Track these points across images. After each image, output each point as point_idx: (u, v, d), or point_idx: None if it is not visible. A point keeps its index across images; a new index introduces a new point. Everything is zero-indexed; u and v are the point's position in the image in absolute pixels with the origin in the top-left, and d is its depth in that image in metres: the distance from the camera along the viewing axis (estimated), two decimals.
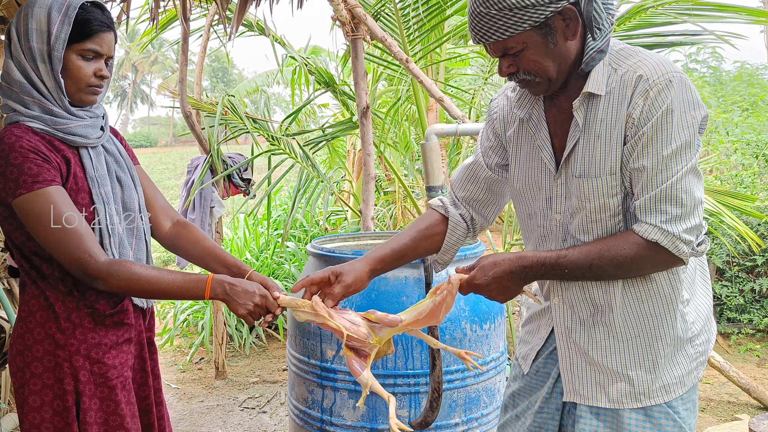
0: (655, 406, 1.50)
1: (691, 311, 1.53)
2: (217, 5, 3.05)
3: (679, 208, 1.38)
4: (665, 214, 1.39)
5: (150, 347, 1.83)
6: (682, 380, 1.51)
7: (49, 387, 1.61)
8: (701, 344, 1.55)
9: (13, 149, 1.52)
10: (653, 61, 1.41)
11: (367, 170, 3.97)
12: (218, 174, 4.55)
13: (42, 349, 1.61)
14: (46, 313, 1.61)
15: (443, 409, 2.34)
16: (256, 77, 8.45)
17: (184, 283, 1.59)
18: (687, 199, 1.38)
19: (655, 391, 1.50)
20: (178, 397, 4.38)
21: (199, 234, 1.89)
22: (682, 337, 1.51)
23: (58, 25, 1.56)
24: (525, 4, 1.34)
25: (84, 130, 1.64)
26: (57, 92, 1.59)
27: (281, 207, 7.33)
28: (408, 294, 2.38)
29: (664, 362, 1.50)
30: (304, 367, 2.48)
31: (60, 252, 1.54)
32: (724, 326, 5.17)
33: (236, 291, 1.59)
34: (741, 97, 8.82)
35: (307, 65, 5.16)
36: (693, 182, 1.39)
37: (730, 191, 4.64)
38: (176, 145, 43.43)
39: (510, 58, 1.45)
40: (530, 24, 1.37)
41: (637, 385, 1.50)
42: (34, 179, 1.52)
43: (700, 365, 1.54)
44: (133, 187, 1.77)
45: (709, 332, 1.58)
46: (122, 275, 1.55)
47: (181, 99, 4.45)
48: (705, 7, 3.72)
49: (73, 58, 1.60)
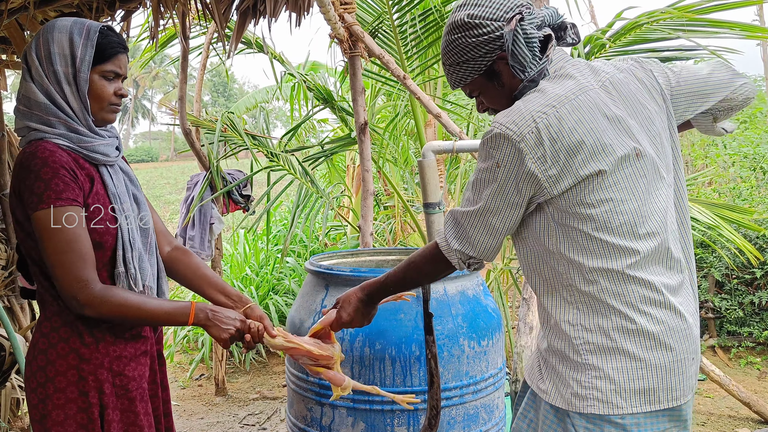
0: (568, 424, 1.52)
1: (578, 337, 1.50)
2: (216, 23, 3.08)
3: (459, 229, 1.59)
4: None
5: (159, 359, 1.88)
6: (573, 400, 1.50)
7: (73, 401, 1.63)
8: (590, 380, 1.48)
9: (45, 164, 1.57)
10: (511, 110, 1.51)
11: (365, 186, 3.99)
12: (218, 190, 4.57)
13: (66, 364, 1.63)
14: (71, 329, 1.65)
15: (442, 426, 2.34)
16: (255, 93, 8.49)
17: (171, 309, 1.68)
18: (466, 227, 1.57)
19: (561, 396, 1.54)
20: (179, 413, 4.37)
21: (198, 261, 1.95)
22: (571, 359, 1.52)
23: (82, 48, 1.64)
24: (464, 59, 1.58)
25: (106, 149, 1.71)
26: (82, 112, 1.66)
27: (281, 222, 7.35)
28: (406, 311, 2.39)
29: (562, 373, 1.54)
30: (302, 385, 2.49)
31: (59, 272, 1.57)
32: (724, 339, 5.17)
33: (218, 317, 1.71)
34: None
35: (306, 82, 5.20)
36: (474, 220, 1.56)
37: (728, 204, 4.66)
38: (177, 159, 43.54)
39: (478, 98, 1.69)
40: (475, 73, 1.60)
41: (549, 385, 1.58)
42: (57, 196, 1.56)
43: (594, 399, 1.47)
44: (146, 205, 1.84)
45: (620, 372, 1.47)
46: (114, 302, 1.60)
47: (180, 116, 4.48)
48: (700, 23, 3.75)
49: (96, 79, 1.67)
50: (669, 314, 1.48)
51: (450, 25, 1.60)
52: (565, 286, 1.53)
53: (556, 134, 1.43)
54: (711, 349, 5.17)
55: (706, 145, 7.30)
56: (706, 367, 4.01)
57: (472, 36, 1.55)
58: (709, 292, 5.24)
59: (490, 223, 1.54)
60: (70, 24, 1.66)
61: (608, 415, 1.46)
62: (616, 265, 1.46)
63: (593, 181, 1.44)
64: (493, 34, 1.54)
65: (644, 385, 1.46)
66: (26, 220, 1.62)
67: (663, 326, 1.47)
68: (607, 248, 1.47)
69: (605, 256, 1.47)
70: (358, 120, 4.04)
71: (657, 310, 1.47)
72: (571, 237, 1.49)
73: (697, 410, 4.11)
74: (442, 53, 1.65)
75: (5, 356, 3.21)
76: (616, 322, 1.47)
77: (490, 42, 1.54)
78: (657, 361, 1.47)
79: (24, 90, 1.65)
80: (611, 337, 1.47)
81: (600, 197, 1.45)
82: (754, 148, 6.43)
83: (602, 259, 1.47)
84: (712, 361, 4.86)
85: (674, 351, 1.48)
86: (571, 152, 1.43)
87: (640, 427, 1.47)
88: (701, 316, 5.22)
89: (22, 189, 1.59)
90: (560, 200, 1.47)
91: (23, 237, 1.66)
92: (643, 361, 1.46)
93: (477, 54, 1.56)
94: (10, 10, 2.73)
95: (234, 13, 3.20)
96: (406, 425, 2.36)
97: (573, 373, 1.51)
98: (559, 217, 1.49)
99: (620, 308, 1.47)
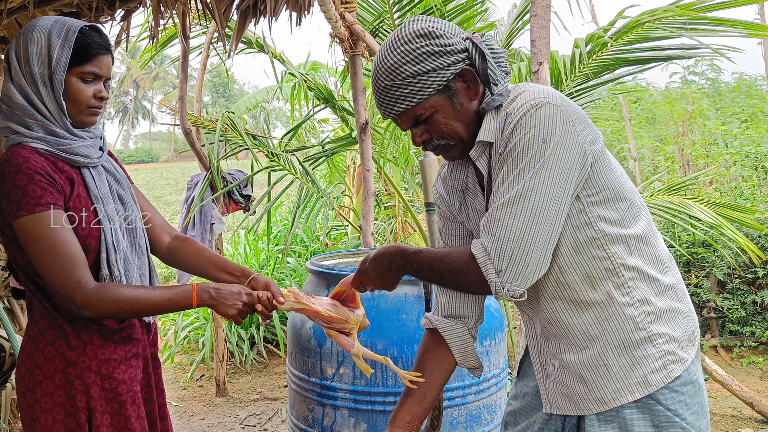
0: (656, 406, 1.48)
1: (641, 312, 1.50)
2: (217, 23, 3.07)
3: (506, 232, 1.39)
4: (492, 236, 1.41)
5: (154, 362, 1.85)
6: (645, 380, 1.48)
7: (61, 405, 1.61)
8: (665, 343, 1.50)
9: (19, 170, 1.54)
10: (526, 94, 1.46)
11: (366, 186, 3.98)
12: (218, 190, 4.56)
13: (53, 368, 1.62)
14: (57, 332, 1.63)
15: (444, 426, 2.33)
16: (256, 93, 8.47)
17: (172, 295, 1.64)
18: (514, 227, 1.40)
19: (614, 392, 1.49)
20: (179, 414, 4.36)
21: (199, 246, 1.91)
22: (634, 339, 1.49)
23: (59, 49, 1.60)
24: (426, 69, 1.44)
25: (86, 150, 1.67)
26: (59, 114, 1.62)
27: (281, 223, 7.34)
28: (408, 311, 2.37)
29: (619, 365, 1.49)
30: (304, 386, 2.47)
31: (51, 276, 1.55)
32: (726, 339, 5.15)
33: (222, 294, 1.65)
34: (740, 109, 8.83)
35: (307, 81, 5.19)
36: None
37: (729, 203, 4.65)
38: (177, 160, 43.51)
39: (422, 126, 1.52)
40: (434, 88, 1.46)
41: (595, 389, 1.51)
42: (36, 201, 1.53)
43: (671, 363, 1.49)
44: (133, 205, 1.79)
45: (676, 327, 1.53)
46: (111, 298, 1.57)
47: (181, 116, 4.47)
48: (701, 21, 3.74)
49: (73, 81, 1.62)
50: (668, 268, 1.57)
51: (406, 36, 1.45)
52: (611, 270, 1.48)
53: (571, 107, 1.45)
54: (713, 348, 5.15)
55: (708, 145, 7.29)
56: (708, 366, 3.99)
57: (437, 45, 1.45)
58: (711, 292, 5.22)
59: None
60: (51, 23, 1.62)
61: (682, 374, 1.49)
62: (635, 230, 1.50)
63: (602, 157, 1.47)
64: (457, 47, 1.46)
65: (689, 330, 1.54)
66: (5, 227, 1.60)
67: (674, 278, 1.56)
68: (627, 214, 1.50)
69: (627, 224, 1.50)
70: (358, 119, 4.02)
71: (664, 267, 1.55)
72: (607, 207, 1.48)
73: None
74: (393, 68, 1.45)
75: (5, 357, 3.20)
76: (655, 286, 1.51)
77: (456, 53, 1.46)
78: (686, 307, 1.55)
79: (5, 90, 1.62)
80: (658, 301, 1.50)
81: (608, 172, 1.48)
82: (755, 146, 6.41)
83: (627, 228, 1.49)
84: (714, 360, 4.84)
85: (687, 297, 1.59)
86: (586, 124, 1.46)
87: (697, 371, 1.53)
88: (703, 315, 5.21)
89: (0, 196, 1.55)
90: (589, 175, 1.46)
91: (6, 242, 1.64)
92: (681, 312, 1.53)
93: (442, 64, 1.45)
94: (9, 10, 2.72)
95: (234, 12, 3.18)
96: None
97: (641, 352, 1.48)
98: (594, 186, 1.47)
99: (651, 272, 1.50)
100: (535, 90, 1.46)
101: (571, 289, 1.50)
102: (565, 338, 1.54)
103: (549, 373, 1.60)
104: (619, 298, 1.48)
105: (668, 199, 4.48)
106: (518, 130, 1.41)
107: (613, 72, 4.35)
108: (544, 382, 1.63)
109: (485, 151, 1.52)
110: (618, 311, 1.48)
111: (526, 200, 1.38)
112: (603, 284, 1.48)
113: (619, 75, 4.42)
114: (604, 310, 1.49)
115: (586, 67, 4.15)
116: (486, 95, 1.51)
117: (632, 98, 9.08)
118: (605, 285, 1.48)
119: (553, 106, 1.41)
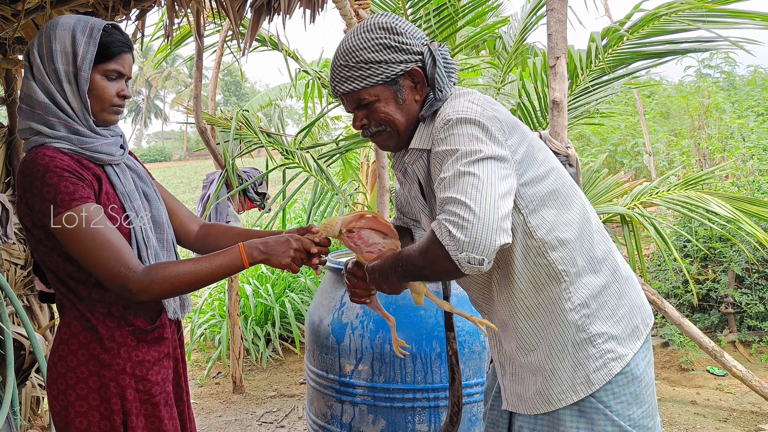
0: (585, 402, 1.54)
1: (581, 315, 1.55)
2: (231, 21, 3.07)
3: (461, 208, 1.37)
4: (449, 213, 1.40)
5: (183, 362, 1.84)
6: (588, 379, 1.54)
7: (96, 408, 1.60)
8: (604, 342, 1.55)
9: (48, 169, 1.53)
10: (456, 103, 1.52)
11: (381, 182, 3.97)
12: (233, 188, 4.57)
13: (87, 370, 1.60)
14: (90, 334, 1.61)
15: (463, 423, 2.32)
16: (269, 91, 8.48)
17: (222, 261, 1.61)
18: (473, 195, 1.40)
19: (560, 393, 1.56)
20: (196, 411, 4.38)
21: (226, 226, 1.92)
22: (575, 341, 1.55)
23: (84, 46, 1.59)
24: (378, 59, 1.54)
25: (109, 148, 1.66)
26: (83, 112, 1.61)
27: (296, 220, 7.35)
28: (426, 307, 2.37)
29: (563, 367, 1.55)
30: (322, 382, 2.48)
31: (99, 269, 1.53)
32: (745, 334, 5.10)
33: (271, 246, 1.64)
34: (756, 102, 8.75)
35: (320, 79, 5.19)
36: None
37: (747, 198, 4.59)
38: (190, 159, 43.77)
39: (363, 111, 1.61)
40: (382, 78, 1.55)
41: (544, 390, 1.57)
42: (71, 197, 1.52)
43: (610, 361, 1.54)
44: (158, 201, 1.79)
45: (616, 324, 1.57)
46: (163, 277, 1.55)
47: (196, 115, 4.48)
48: (719, 13, 3.70)
49: (97, 79, 1.62)
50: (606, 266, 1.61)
51: (371, 25, 1.56)
52: (553, 276, 1.54)
53: (499, 116, 1.50)
54: (732, 344, 5.10)
55: (725, 138, 7.22)
56: (728, 362, 3.96)
57: (395, 41, 1.54)
58: (729, 287, 5.17)
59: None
60: (74, 21, 1.61)
61: (622, 371, 1.54)
62: (569, 234, 1.54)
63: (527, 161, 1.51)
64: (414, 48, 1.56)
65: (632, 324, 1.59)
66: (36, 228, 1.59)
67: (614, 275, 1.60)
68: (559, 219, 1.55)
69: (561, 229, 1.54)
70: None
71: (601, 265, 1.59)
72: (541, 216, 1.53)
73: (719, 406, 4.06)
74: (350, 50, 1.56)
75: (25, 355, 3.23)
76: (594, 286, 1.56)
77: (410, 53, 1.55)
78: (629, 302, 1.60)
79: (26, 88, 1.61)
80: (598, 300, 1.56)
81: (537, 182, 1.53)
82: None
83: (562, 232, 1.54)
84: (733, 356, 4.79)
85: (633, 289, 1.63)
86: (512, 128, 1.51)
87: (640, 363, 1.57)
88: (721, 311, 5.16)
89: (29, 198, 1.54)
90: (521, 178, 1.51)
91: (35, 244, 1.63)
92: (623, 307, 1.58)
93: (395, 59, 1.54)
94: (26, 10, 2.74)
95: (248, 10, 3.19)
96: (427, 422, 2.34)
97: (582, 353, 1.55)
98: (525, 198, 1.52)
99: (589, 273, 1.56)
100: (456, 104, 1.51)
101: (522, 295, 1.57)
102: (515, 341, 1.62)
103: (507, 371, 1.69)
104: (562, 302, 1.54)
105: (685, 193, 4.44)
106: (444, 141, 1.47)
107: (629, 66, 4.31)
108: (503, 380, 1.71)
109: (421, 157, 1.61)
110: (561, 315, 1.55)
111: (468, 175, 1.38)
112: (547, 290, 1.55)
113: (635, 69, 4.39)
114: (548, 314, 1.56)
115: (602, 62, 4.12)
116: (429, 98, 1.58)
117: (646, 92, 9.01)
118: (549, 290, 1.55)
119: (470, 120, 1.45)
